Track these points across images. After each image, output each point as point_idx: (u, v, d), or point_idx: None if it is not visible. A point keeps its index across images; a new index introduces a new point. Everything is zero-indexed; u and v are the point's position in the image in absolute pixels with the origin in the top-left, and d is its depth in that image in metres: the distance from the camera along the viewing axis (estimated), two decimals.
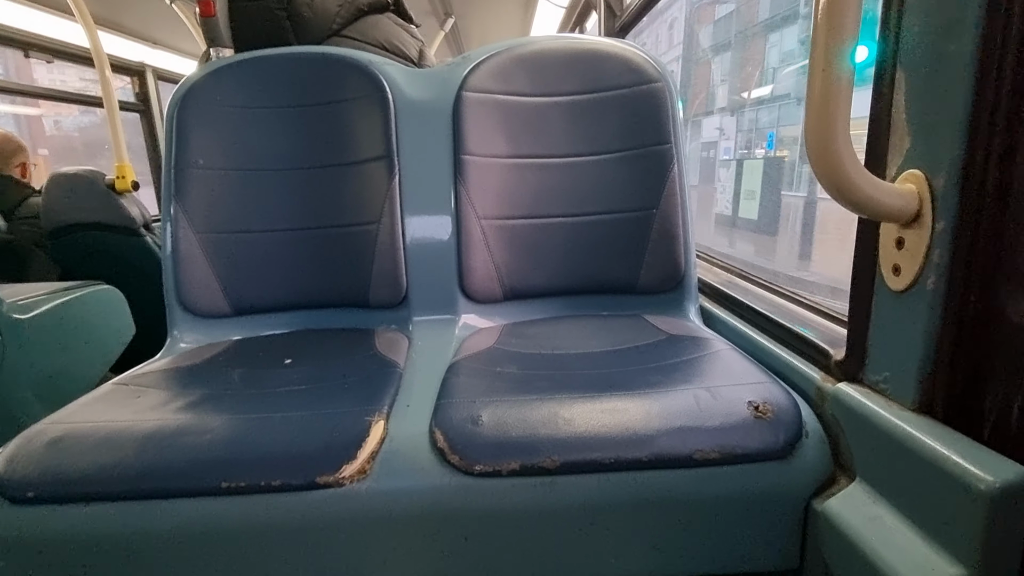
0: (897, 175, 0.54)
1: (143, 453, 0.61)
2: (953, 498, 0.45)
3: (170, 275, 1.05)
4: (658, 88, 1.09)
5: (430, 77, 1.15)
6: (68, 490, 0.59)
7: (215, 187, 1.07)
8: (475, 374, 0.77)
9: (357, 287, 1.07)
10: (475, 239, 1.06)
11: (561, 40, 1.14)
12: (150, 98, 2.90)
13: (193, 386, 0.78)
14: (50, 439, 0.63)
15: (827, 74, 0.46)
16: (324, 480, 0.60)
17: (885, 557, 0.49)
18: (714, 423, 0.61)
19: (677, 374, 0.73)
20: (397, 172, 1.07)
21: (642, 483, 0.60)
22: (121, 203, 1.90)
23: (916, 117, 0.52)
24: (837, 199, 0.49)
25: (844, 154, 0.47)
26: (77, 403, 0.73)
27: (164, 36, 2.80)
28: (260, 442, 0.62)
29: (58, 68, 2.62)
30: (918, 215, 0.51)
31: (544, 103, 1.11)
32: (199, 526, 0.60)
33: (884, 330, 0.57)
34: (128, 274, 1.83)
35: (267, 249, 1.07)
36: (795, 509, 0.62)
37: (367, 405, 0.68)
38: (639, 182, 1.07)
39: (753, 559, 0.64)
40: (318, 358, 0.89)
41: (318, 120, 1.10)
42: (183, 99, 1.08)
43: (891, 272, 0.55)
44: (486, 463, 0.60)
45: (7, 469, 0.60)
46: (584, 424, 0.62)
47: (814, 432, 0.63)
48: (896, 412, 0.54)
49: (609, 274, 1.08)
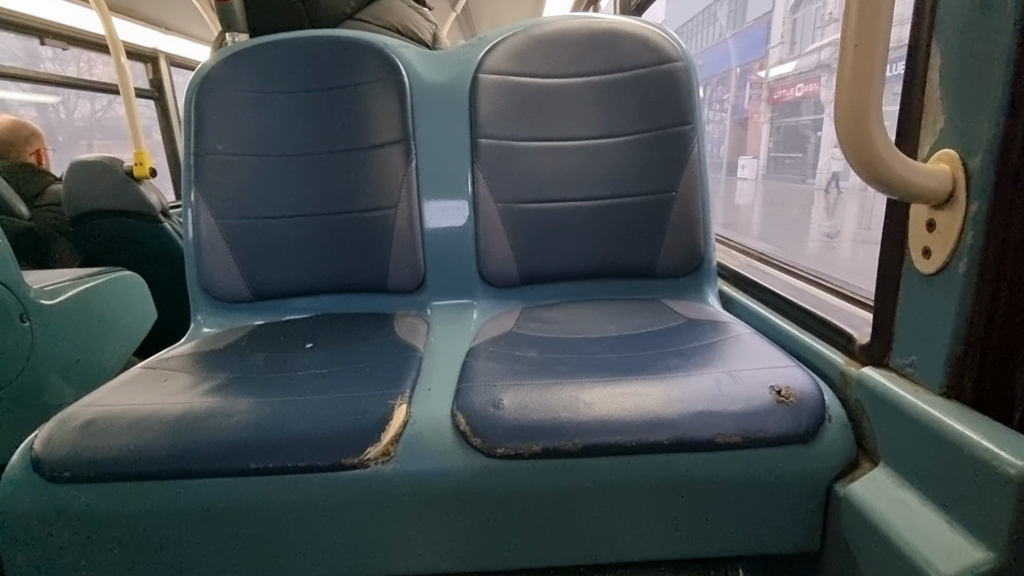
0: (930, 155, 0.52)
1: (173, 435, 0.62)
2: (982, 483, 0.45)
3: (192, 261, 1.06)
4: (679, 68, 1.06)
5: (446, 59, 1.14)
6: (102, 470, 0.61)
7: (233, 173, 1.08)
8: (494, 358, 0.77)
9: (375, 272, 1.07)
10: (492, 223, 1.06)
11: (579, 19, 1.12)
12: (164, 84, 2.91)
13: (218, 370, 0.79)
14: (84, 421, 0.64)
15: (860, 50, 0.44)
16: (348, 462, 0.61)
17: (910, 541, 0.49)
18: (736, 407, 0.61)
19: (697, 358, 0.72)
20: (414, 156, 1.07)
21: (663, 466, 0.61)
22: (140, 190, 1.92)
23: (951, 94, 0.50)
24: (867, 180, 0.48)
25: (876, 134, 0.46)
26: (108, 386, 0.75)
27: (176, 22, 2.80)
28: (285, 425, 0.63)
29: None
30: (951, 196, 0.50)
31: (562, 84, 1.09)
32: (227, 505, 0.61)
33: (912, 314, 0.57)
34: (148, 260, 1.86)
35: (286, 235, 1.08)
36: (817, 492, 0.62)
37: (389, 388, 0.69)
38: (658, 164, 1.06)
39: (773, 541, 0.64)
40: (339, 343, 0.90)
41: (334, 104, 1.10)
42: (200, 85, 1.08)
43: (921, 255, 0.54)
44: (508, 446, 0.61)
45: (44, 450, 0.62)
46: (605, 408, 0.62)
47: (837, 416, 0.63)
48: (923, 396, 0.53)
49: (627, 258, 1.07)
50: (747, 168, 18.11)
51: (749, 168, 18.07)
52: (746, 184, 17.23)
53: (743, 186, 17.15)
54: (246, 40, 1.19)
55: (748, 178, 17.60)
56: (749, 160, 18.29)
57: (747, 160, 18.34)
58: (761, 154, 17.86)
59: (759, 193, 15.60)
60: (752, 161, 18.23)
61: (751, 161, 18.26)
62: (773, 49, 18.23)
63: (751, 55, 20.06)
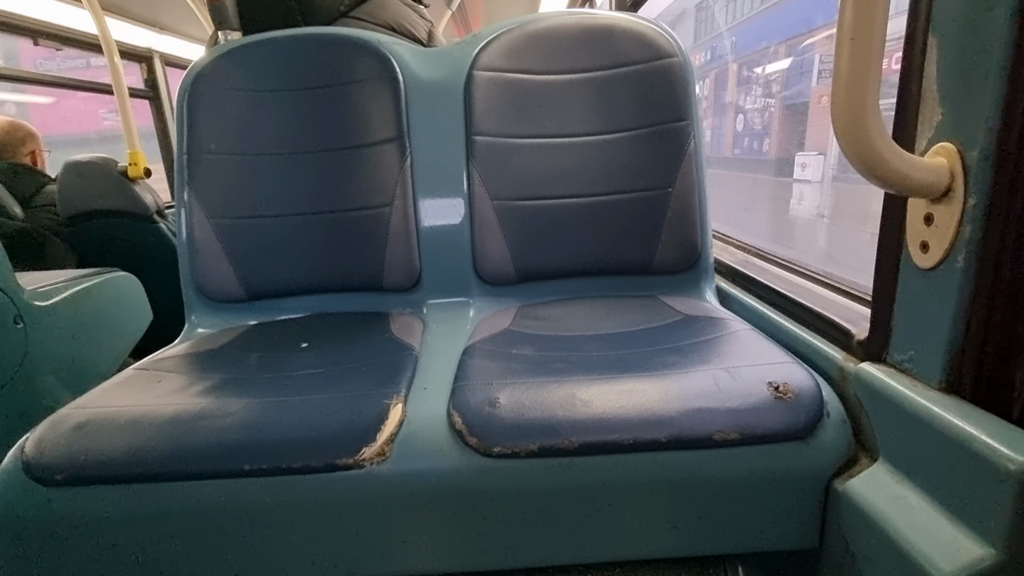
0: (927, 148, 0.52)
1: (166, 437, 0.62)
2: (981, 478, 0.45)
3: (186, 261, 1.06)
4: (674, 63, 1.06)
5: (440, 56, 1.13)
6: (95, 472, 0.60)
7: (227, 172, 1.07)
8: (491, 356, 0.77)
9: (371, 271, 1.07)
10: (488, 221, 1.05)
11: (573, 15, 1.12)
12: (159, 84, 2.90)
13: (212, 371, 0.79)
14: (76, 423, 0.64)
15: (856, 43, 0.44)
16: (344, 462, 0.60)
17: (909, 536, 0.49)
18: (733, 404, 0.61)
19: (695, 355, 0.72)
20: (409, 154, 1.06)
21: (661, 464, 0.60)
22: (134, 190, 1.91)
23: (948, 87, 0.50)
24: (864, 174, 0.48)
25: (873, 127, 0.46)
26: (100, 388, 0.74)
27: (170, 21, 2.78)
28: (280, 425, 0.62)
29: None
30: (948, 190, 0.49)
31: (557, 81, 1.09)
32: (222, 507, 0.61)
33: (910, 309, 0.56)
34: (143, 261, 1.85)
35: (280, 234, 1.07)
36: (815, 489, 0.62)
37: (384, 388, 0.68)
38: (655, 161, 1.05)
39: (772, 538, 0.64)
40: (334, 342, 0.89)
41: (328, 102, 1.09)
42: (193, 84, 1.08)
43: (919, 249, 0.54)
44: (504, 445, 0.60)
45: (36, 452, 0.61)
46: (602, 405, 0.62)
47: (835, 412, 0.62)
48: (922, 392, 0.53)
49: (624, 255, 1.07)
50: (809, 167, 13.31)
51: (812, 167, 13.25)
52: (809, 188, 12.25)
53: (804, 191, 12.10)
54: (239, 38, 1.18)
55: (811, 180, 12.82)
56: (812, 157, 13.43)
57: (809, 156, 13.55)
58: (831, 149, 12.58)
59: (835, 202, 10.70)
60: (817, 158, 13.26)
61: (815, 158, 13.34)
62: None
63: (812, 23, 14.43)
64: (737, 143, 17.17)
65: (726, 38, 18.84)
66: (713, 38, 19.72)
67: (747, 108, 16.58)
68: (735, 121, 17.06)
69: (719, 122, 18.15)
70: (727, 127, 17.63)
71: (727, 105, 17.89)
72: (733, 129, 17.24)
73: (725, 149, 17.87)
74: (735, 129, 17.11)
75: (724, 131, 17.88)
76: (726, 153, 17.71)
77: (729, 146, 17.64)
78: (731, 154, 17.39)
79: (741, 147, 16.91)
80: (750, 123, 16.47)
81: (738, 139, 17.05)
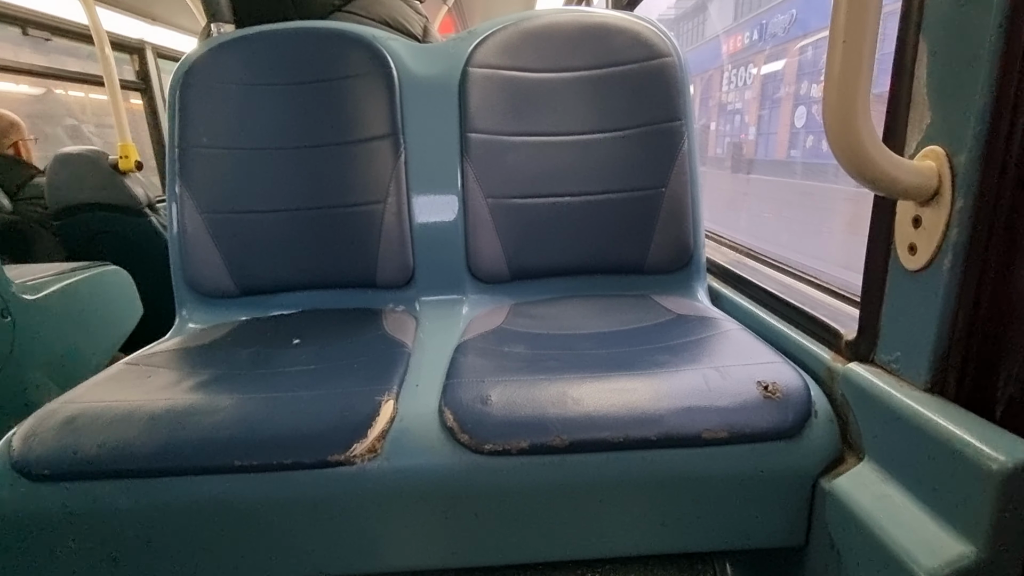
0: (916, 151, 0.52)
1: (156, 432, 0.61)
2: (964, 477, 0.45)
3: (177, 256, 1.05)
4: (668, 63, 1.06)
5: (435, 53, 1.12)
6: (83, 468, 0.60)
7: (219, 166, 1.06)
8: (483, 354, 0.77)
9: (364, 267, 1.07)
10: (482, 218, 1.05)
11: (569, 13, 1.12)
12: (150, 76, 2.87)
13: (203, 366, 0.78)
14: (64, 418, 0.63)
15: (848, 46, 0.44)
16: (335, 459, 0.60)
17: (893, 534, 0.50)
18: (723, 403, 0.61)
19: (685, 354, 0.72)
20: (403, 150, 1.06)
21: (650, 461, 0.61)
22: (125, 183, 1.89)
23: (938, 90, 0.50)
24: (854, 176, 0.48)
25: (863, 130, 0.46)
26: (89, 383, 0.74)
27: (163, 12, 2.75)
28: (271, 422, 0.62)
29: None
30: (936, 193, 0.50)
31: (552, 79, 1.09)
32: (212, 503, 0.61)
33: (898, 310, 0.57)
34: (133, 254, 1.83)
35: (272, 229, 1.07)
36: (802, 487, 0.63)
37: (376, 384, 0.68)
38: (648, 160, 1.06)
39: (759, 536, 0.64)
40: (326, 338, 0.89)
41: (322, 97, 1.08)
42: (185, 76, 1.07)
43: (907, 251, 0.54)
44: (495, 442, 0.60)
45: (23, 447, 0.61)
46: (593, 403, 0.62)
47: (823, 412, 0.63)
48: (908, 392, 0.54)
49: (617, 254, 1.07)
50: None
51: None
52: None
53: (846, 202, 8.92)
54: (232, 31, 1.17)
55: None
56: None
57: None
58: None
59: None
60: None
61: None
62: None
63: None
64: (794, 143, 13.54)
65: (781, 12, 14.90)
66: (763, 12, 15.74)
67: (815, 98, 12.37)
68: (792, 115, 13.64)
69: (769, 115, 14.57)
70: (781, 122, 14.01)
71: (781, 97, 14.16)
72: (789, 125, 13.72)
73: (776, 150, 14.07)
74: (791, 125, 13.64)
75: (776, 127, 14.24)
76: (777, 155, 13.99)
77: (783, 146, 13.91)
78: (785, 156, 13.77)
79: (800, 147, 13.33)
80: (815, 117, 12.10)
81: (795, 138, 13.48)
